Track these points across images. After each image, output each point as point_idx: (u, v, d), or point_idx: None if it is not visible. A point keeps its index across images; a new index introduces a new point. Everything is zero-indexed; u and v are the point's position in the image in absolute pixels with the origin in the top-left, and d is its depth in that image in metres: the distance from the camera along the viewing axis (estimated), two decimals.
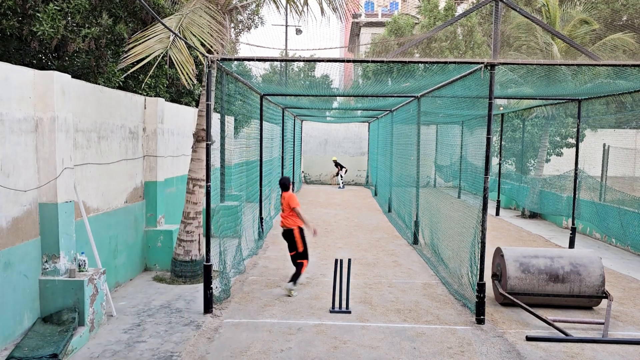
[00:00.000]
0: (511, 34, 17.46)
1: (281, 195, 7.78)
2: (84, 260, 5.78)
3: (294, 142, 20.12)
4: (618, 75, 7.78)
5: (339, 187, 23.06)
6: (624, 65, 6.21)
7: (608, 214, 11.40)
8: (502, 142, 16.34)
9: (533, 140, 17.93)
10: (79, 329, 5.35)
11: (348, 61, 6.56)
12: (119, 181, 7.36)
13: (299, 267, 7.45)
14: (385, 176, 16.83)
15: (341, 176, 23.22)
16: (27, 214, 5.24)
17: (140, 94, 8.60)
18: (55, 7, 6.91)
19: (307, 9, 7.71)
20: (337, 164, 23.36)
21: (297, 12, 7.72)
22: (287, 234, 7.60)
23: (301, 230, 7.53)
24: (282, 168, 16.31)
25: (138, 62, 6.56)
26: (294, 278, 7.30)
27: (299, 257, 7.57)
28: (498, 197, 16.47)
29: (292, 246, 7.64)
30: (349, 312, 6.53)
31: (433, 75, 8.69)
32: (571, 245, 10.90)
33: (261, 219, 11.11)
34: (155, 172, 8.35)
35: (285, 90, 12.05)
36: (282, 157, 16.40)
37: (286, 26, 28.96)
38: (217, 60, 6.54)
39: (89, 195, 6.51)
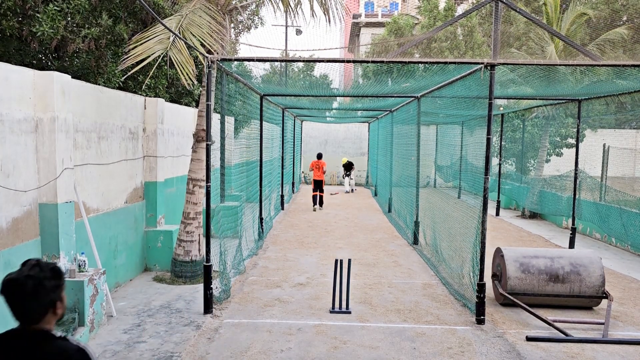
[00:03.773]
0: (512, 33, 17.48)
1: (317, 161, 16.38)
2: (84, 261, 5.78)
3: (294, 142, 20.11)
4: (618, 75, 7.78)
5: (347, 191, 21.11)
6: (624, 66, 6.20)
7: (608, 214, 11.40)
8: (502, 143, 16.34)
9: (533, 140, 17.94)
10: (79, 330, 5.35)
11: (348, 61, 6.56)
12: (119, 181, 7.36)
13: (321, 198, 15.90)
14: (386, 176, 16.83)
15: (350, 178, 21.20)
16: (27, 215, 5.24)
17: (140, 94, 8.60)
18: (55, 8, 6.92)
19: (308, 11, 7.72)
20: (349, 167, 21.08)
21: (291, 12, 7.72)
22: (320, 182, 15.97)
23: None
24: (282, 168, 16.31)
25: (138, 63, 6.56)
26: (321, 203, 15.98)
27: (321, 193, 15.91)
28: (498, 198, 16.47)
29: (319, 189, 15.85)
30: (349, 313, 6.53)
31: (433, 76, 8.69)
32: (571, 245, 10.90)
33: (261, 219, 11.10)
34: (155, 173, 8.35)
35: (285, 91, 12.05)
36: (282, 157, 16.41)
37: (286, 27, 28.98)
38: (217, 60, 6.54)
39: (89, 196, 6.51)
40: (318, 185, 15.99)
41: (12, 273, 1.96)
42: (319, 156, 16.78)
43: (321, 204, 16.02)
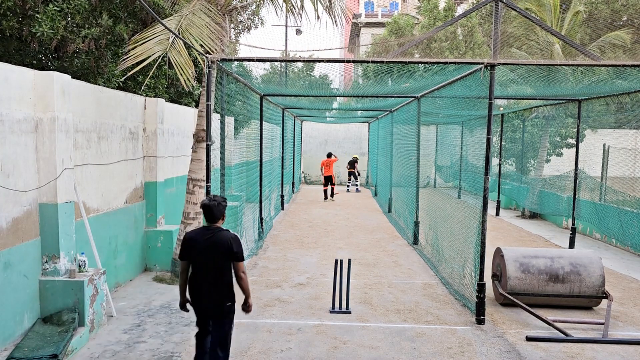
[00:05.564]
0: (513, 32, 17.46)
1: (327, 159, 18.49)
2: (84, 261, 5.78)
3: (294, 142, 20.11)
4: (618, 75, 7.77)
5: (348, 190, 21.38)
6: (624, 66, 6.20)
7: (608, 214, 11.40)
8: (502, 143, 16.33)
9: (533, 140, 17.94)
10: (79, 330, 5.36)
11: (348, 61, 6.56)
12: (118, 181, 7.36)
13: (332, 190, 18.40)
14: (386, 176, 16.82)
15: (356, 177, 21.49)
16: (27, 215, 5.24)
17: (140, 94, 8.60)
18: (55, 8, 6.92)
19: (312, 13, 7.72)
20: (353, 164, 21.28)
21: (295, 13, 7.72)
22: (329, 178, 18.27)
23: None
24: (282, 168, 16.31)
25: (138, 63, 6.55)
26: (332, 195, 18.40)
27: (332, 186, 18.38)
28: (498, 198, 16.47)
29: (329, 182, 18.25)
30: (349, 313, 6.53)
31: (433, 76, 8.69)
32: (571, 245, 10.90)
33: (261, 219, 11.10)
34: (155, 173, 8.35)
35: (285, 91, 12.04)
36: (282, 157, 16.41)
37: (286, 27, 28.98)
38: (217, 60, 6.54)
39: (88, 196, 6.51)
40: (328, 180, 18.39)
41: (204, 200, 4.23)
42: (329, 155, 19.04)
43: (332, 195, 18.47)
